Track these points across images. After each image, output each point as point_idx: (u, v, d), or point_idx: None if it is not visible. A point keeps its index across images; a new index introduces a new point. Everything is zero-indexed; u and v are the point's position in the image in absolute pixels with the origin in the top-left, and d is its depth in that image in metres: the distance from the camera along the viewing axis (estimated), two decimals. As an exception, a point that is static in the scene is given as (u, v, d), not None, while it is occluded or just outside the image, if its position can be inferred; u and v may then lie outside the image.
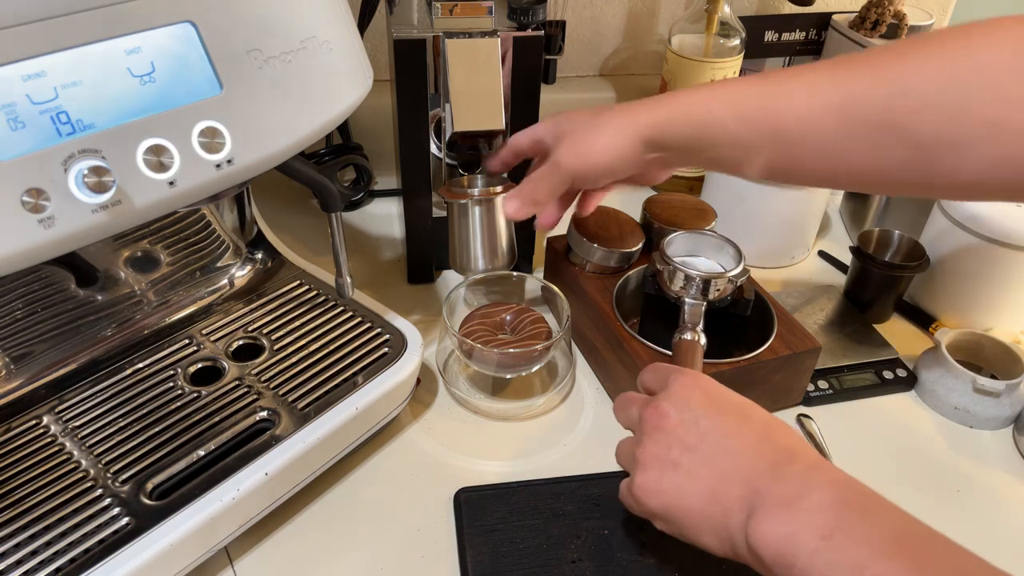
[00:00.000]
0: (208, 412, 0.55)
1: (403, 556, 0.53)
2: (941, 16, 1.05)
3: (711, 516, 0.41)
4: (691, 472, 0.42)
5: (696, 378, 0.46)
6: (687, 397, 0.45)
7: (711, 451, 0.42)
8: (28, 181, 0.35)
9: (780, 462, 0.40)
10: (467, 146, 0.71)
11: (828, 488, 0.37)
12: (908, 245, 0.75)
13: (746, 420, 0.43)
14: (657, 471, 0.44)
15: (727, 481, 0.41)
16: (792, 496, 0.38)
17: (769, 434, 0.42)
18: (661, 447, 0.44)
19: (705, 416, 0.43)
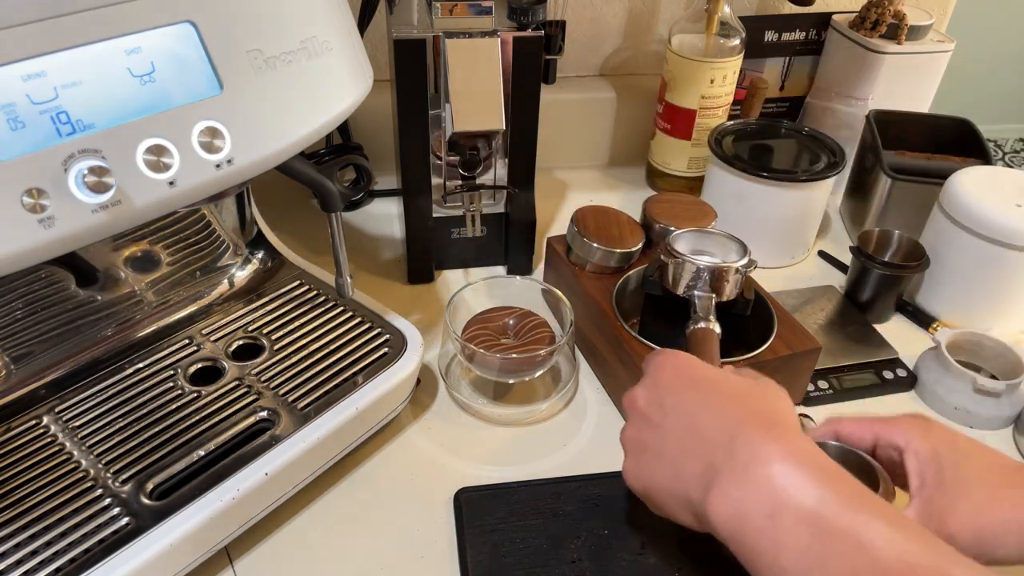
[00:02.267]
0: (208, 412, 0.55)
1: (403, 556, 0.53)
2: (941, 16, 1.05)
3: (677, 493, 0.42)
4: (657, 452, 0.43)
5: (669, 357, 0.47)
6: (656, 378, 0.46)
7: (673, 429, 0.43)
8: (28, 181, 0.35)
9: (736, 433, 0.39)
10: (467, 146, 0.71)
11: (777, 459, 0.37)
12: (908, 245, 0.75)
13: (710, 393, 0.43)
14: (633, 455, 0.46)
15: (687, 457, 0.41)
16: (741, 470, 0.38)
17: (732, 404, 0.41)
18: (633, 430, 0.46)
19: (669, 394, 0.44)
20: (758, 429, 0.39)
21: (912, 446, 0.45)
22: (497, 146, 0.72)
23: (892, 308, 0.76)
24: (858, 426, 0.48)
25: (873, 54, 0.88)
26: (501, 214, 0.77)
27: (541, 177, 0.78)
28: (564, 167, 1.00)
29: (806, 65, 0.99)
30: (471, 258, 0.80)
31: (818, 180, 0.77)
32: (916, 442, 0.45)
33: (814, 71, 0.99)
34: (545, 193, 0.93)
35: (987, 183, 0.71)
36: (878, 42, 0.87)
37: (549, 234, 0.80)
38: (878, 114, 0.85)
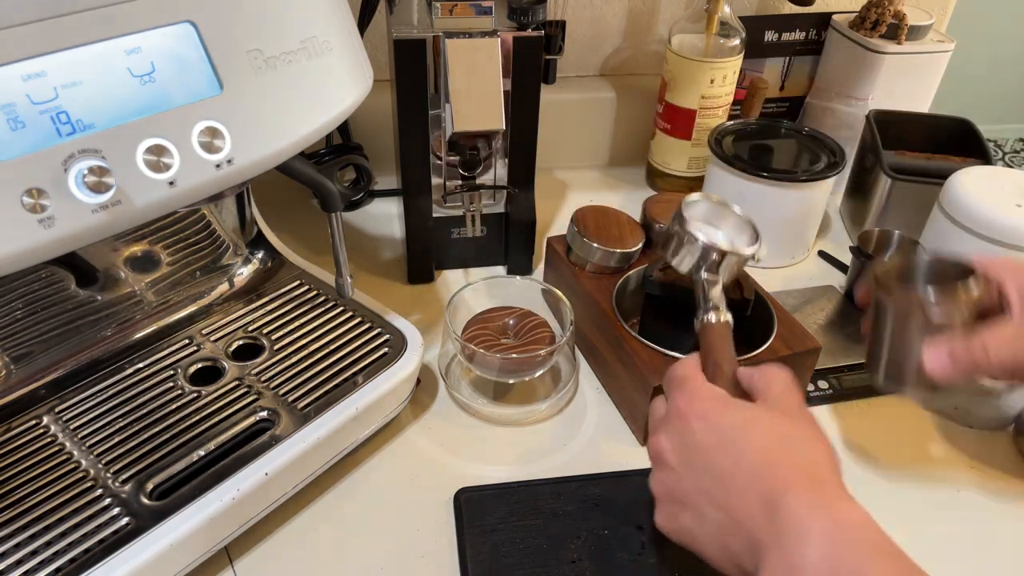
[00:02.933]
0: (208, 412, 0.55)
1: (403, 556, 0.53)
2: (941, 16, 1.05)
3: (725, 562, 0.40)
4: (697, 518, 0.41)
5: (693, 401, 0.44)
6: (682, 428, 0.43)
7: (710, 497, 0.40)
8: (28, 181, 0.35)
9: (777, 505, 0.37)
10: (467, 146, 0.71)
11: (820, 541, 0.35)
12: (908, 245, 0.75)
13: (740, 455, 0.40)
14: (667, 509, 0.44)
15: (730, 534, 0.39)
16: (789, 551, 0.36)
17: (767, 465, 0.39)
18: (664, 487, 0.44)
19: (699, 455, 0.42)
20: (800, 497, 0.37)
21: (1013, 277, 0.47)
22: (497, 146, 0.72)
23: (892, 308, 0.76)
24: None
25: (873, 54, 0.88)
26: (501, 214, 0.77)
27: (541, 177, 0.78)
28: (564, 167, 1.00)
29: (806, 65, 0.99)
30: (471, 258, 0.80)
31: (818, 180, 0.77)
32: (1016, 273, 0.47)
33: (814, 71, 0.99)
34: (545, 193, 0.93)
35: (987, 183, 0.71)
36: (878, 42, 0.87)
37: (549, 234, 0.80)
38: (878, 114, 0.85)
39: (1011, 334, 0.45)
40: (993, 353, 0.45)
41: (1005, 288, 0.47)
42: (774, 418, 0.42)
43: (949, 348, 0.46)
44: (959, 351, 0.46)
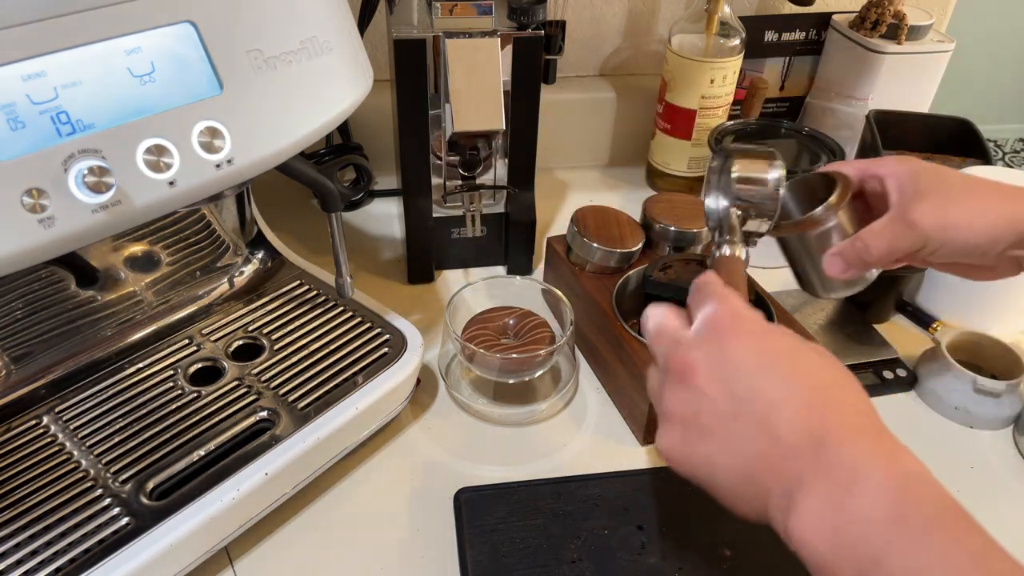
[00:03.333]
0: (208, 412, 0.55)
1: (403, 556, 0.53)
2: (941, 16, 1.05)
3: (748, 496, 0.36)
4: (723, 447, 0.36)
5: (737, 318, 0.38)
6: (723, 346, 0.37)
7: (748, 424, 0.35)
8: (28, 181, 0.35)
9: (829, 441, 0.33)
10: (467, 146, 0.71)
11: (885, 487, 0.32)
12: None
13: (792, 380, 0.36)
14: (681, 434, 0.38)
15: (765, 462, 0.35)
16: (839, 495, 0.32)
17: (820, 398, 0.35)
18: (688, 407, 0.38)
19: (743, 377, 0.36)
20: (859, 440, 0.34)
21: (893, 171, 0.48)
22: (497, 146, 0.72)
23: (892, 308, 0.76)
24: (846, 166, 0.52)
25: (873, 54, 0.88)
26: (501, 214, 0.77)
27: (541, 177, 0.78)
28: (564, 167, 1.00)
29: (806, 65, 0.99)
30: (471, 258, 0.80)
31: (818, 180, 0.77)
32: (896, 167, 0.49)
33: (814, 71, 0.99)
34: (545, 193, 0.93)
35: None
36: (878, 42, 0.87)
37: (549, 234, 0.80)
38: (878, 114, 0.85)
39: (883, 227, 0.47)
40: (873, 246, 0.48)
41: (886, 184, 0.49)
42: (820, 353, 0.38)
43: (838, 250, 0.49)
44: (846, 251, 0.49)
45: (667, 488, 0.56)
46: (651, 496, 0.56)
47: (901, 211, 0.47)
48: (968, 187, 0.47)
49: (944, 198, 0.46)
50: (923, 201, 0.46)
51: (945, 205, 0.46)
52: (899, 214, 0.47)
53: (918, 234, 0.46)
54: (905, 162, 0.49)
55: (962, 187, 0.47)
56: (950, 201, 0.46)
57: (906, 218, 0.47)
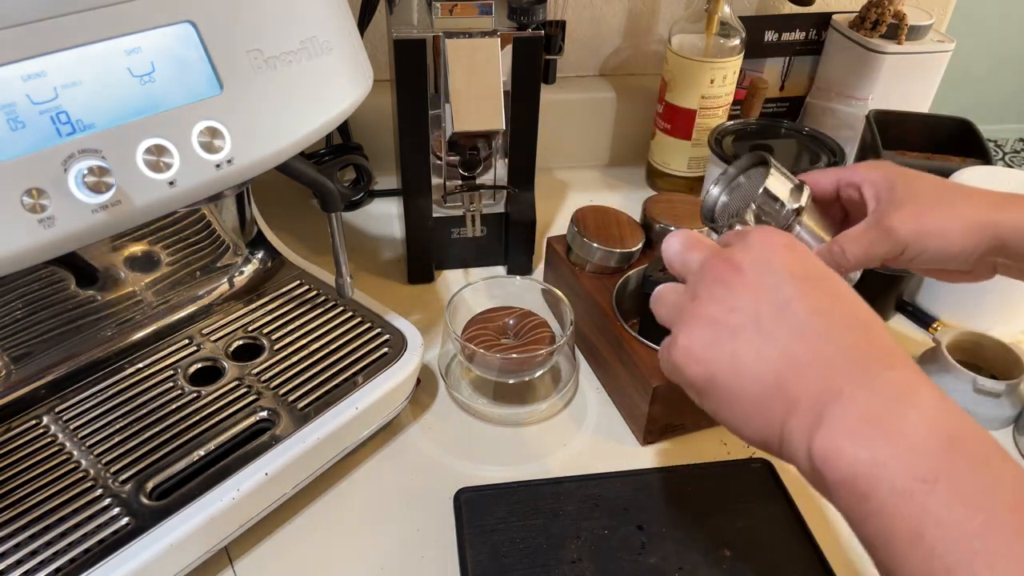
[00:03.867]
0: (208, 412, 0.55)
1: (403, 556, 0.53)
2: (941, 16, 1.05)
3: (767, 408, 0.33)
4: (755, 346, 0.34)
5: (785, 236, 0.37)
6: (770, 257, 0.36)
7: (789, 327, 0.33)
8: (28, 181, 0.35)
9: (874, 361, 0.32)
10: (467, 146, 0.71)
11: (934, 414, 0.30)
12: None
13: (837, 298, 0.35)
14: (710, 334, 0.35)
15: (801, 370, 0.33)
16: (885, 413, 0.30)
17: (865, 322, 0.34)
18: (722, 307, 0.35)
19: (789, 283, 0.34)
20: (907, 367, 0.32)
21: (868, 178, 0.49)
22: (497, 146, 0.72)
23: (892, 308, 0.76)
24: (822, 175, 0.52)
25: (873, 54, 0.88)
26: (501, 214, 0.77)
27: (541, 177, 0.78)
28: (564, 167, 1.00)
29: (806, 65, 0.99)
30: (471, 258, 0.80)
31: (818, 180, 0.77)
32: (871, 174, 0.49)
33: (814, 71, 0.99)
34: (545, 193, 0.93)
35: (987, 183, 0.71)
36: (878, 42, 0.87)
37: (549, 234, 0.80)
38: (878, 114, 0.85)
39: (861, 233, 0.48)
40: (849, 252, 0.48)
41: (863, 191, 0.49)
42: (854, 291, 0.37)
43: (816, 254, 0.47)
44: (823, 255, 0.49)
45: (667, 488, 0.57)
46: (651, 496, 0.56)
47: (878, 218, 0.47)
48: (942, 195, 0.47)
49: (920, 206, 0.47)
50: (900, 209, 0.47)
51: (921, 213, 0.46)
52: (876, 220, 0.47)
53: (895, 241, 0.47)
54: (880, 168, 0.49)
55: (936, 195, 0.47)
56: (925, 209, 0.46)
57: (883, 225, 0.47)
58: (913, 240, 0.46)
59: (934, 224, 0.46)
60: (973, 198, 0.47)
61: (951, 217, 0.46)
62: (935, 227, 0.46)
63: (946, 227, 0.46)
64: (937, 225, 0.46)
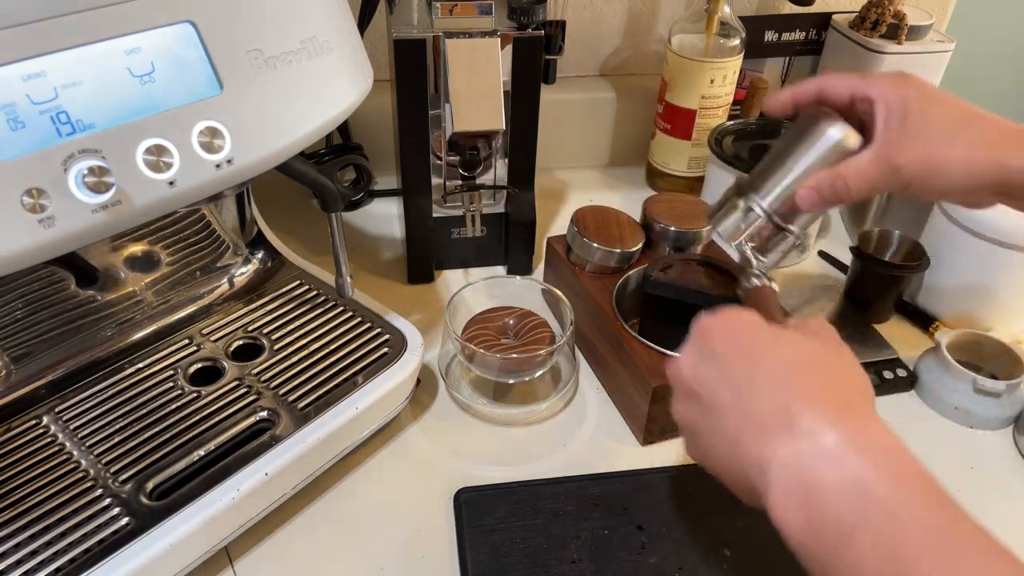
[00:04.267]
0: (208, 412, 0.55)
1: (403, 556, 0.53)
2: (941, 16, 1.05)
3: (737, 479, 0.38)
4: (711, 433, 0.39)
5: (719, 318, 0.41)
6: (703, 345, 0.40)
7: (724, 408, 0.38)
8: (28, 181, 0.35)
9: (794, 416, 0.34)
10: (467, 146, 0.71)
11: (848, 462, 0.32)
12: (908, 245, 0.75)
13: (767, 361, 0.37)
14: (688, 433, 0.41)
15: (742, 445, 0.36)
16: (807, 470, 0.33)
17: (785, 379, 0.36)
18: (682, 406, 0.41)
19: (717, 365, 0.39)
20: (822, 410, 0.34)
21: (883, 96, 0.46)
22: (497, 146, 0.72)
23: (892, 308, 0.76)
24: (840, 80, 0.49)
25: (873, 54, 0.88)
26: (501, 214, 0.77)
27: (541, 177, 0.78)
28: (564, 167, 1.00)
29: (806, 65, 0.99)
30: (471, 258, 0.80)
31: (818, 180, 0.77)
32: (887, 92, 0.46)
33: (814, 71, 0.99)
34: (545, 193, 0.93)
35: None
36: (878, 42, 0.87)
37: (549, 234, 0.80)
38: (878, 114, 0.85)
39: (866, 167, 0.46)
40: (853, 186, 0.46)
41: (875, 109, 0.47)
42: (807, 339, 0.39)
43: (816, 184, 0.48)
44: (823, 185, 0.47)
45: (667, 488, 0.57)
46: (651, 496, 0.56)
47: (886, 151, 0.45)
48: (953, 130, 0.45)
49: (928, 144, 0.45)
50: (909, 145, 0.45)
51: (929, 153, 0.45)
52: (884, 154, 0.45)
53: (900, 179, 0.46)
54: (896, 86, 0.46)
55: (948, 129, 0.45)
56: (934, 147, 0.45)
57: (890, 161, 0.45)
58: (918, 179, 0.45)
59: (941, 164, 0.44)
60: (985, 133, 0.45)
61: (959, 158, 0.44)
62: (944, 165, 0.44)
63: (953, 167, 0.44)
64: (944, 165, 0.44)
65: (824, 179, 0.47)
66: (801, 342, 0.39)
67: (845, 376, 0.38)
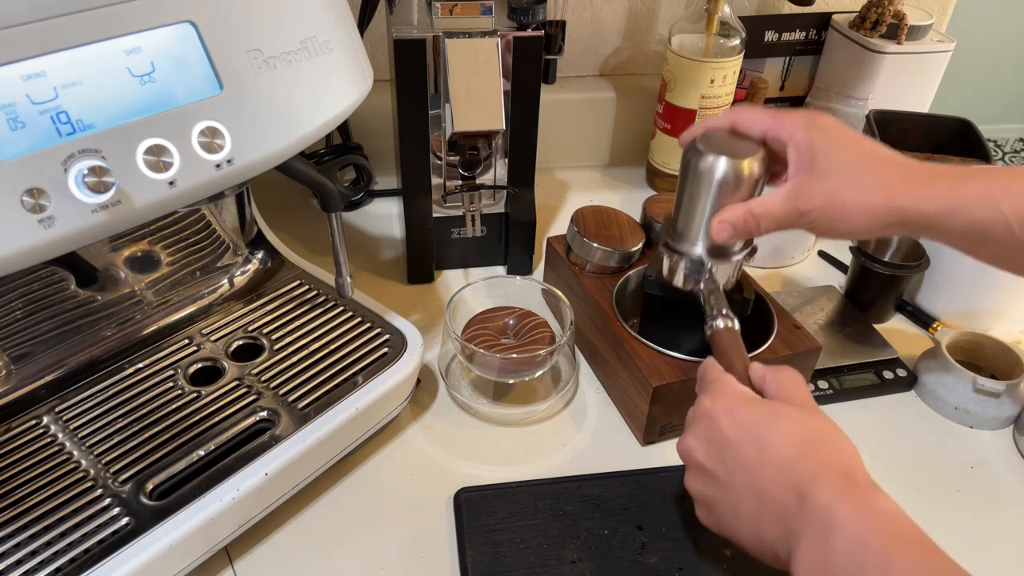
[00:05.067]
0: (208, 412, 0.55)
1: (403, 556, 0.53)
2: (941, 16, 1.05)
3: (763, 552, 0.41)
4: (731, 511, 0.43)
5: (717, 398, 0.45)
6: (709, 427, 0.44)
7: (742, 489, 0.42)
8: (28, 181, 0.35)
9: (806, 492, 0.38)
10: (467, 146, 0.71)
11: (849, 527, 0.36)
12: (908, 245, 0.75)
13: (765, 448, 0.41)
14: (704, 507, 0.45)
15: (763, 523, 0.40)
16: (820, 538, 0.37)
17: (792, 460, 0.40)
18: (699, 483, 0.45)
19: (727, 448, 0.43)
20: (830, 488, 0.38)
21: (794, 139, 0.49)
22: (497, 146, 0.72)
23: (892, 308, 0.76)
24: (753, 117, 0.52)
25: (873, 54, 0.88)
26: (501, 214, 0.77)
27: (541, 177, 0.78)
28: (564, 167, 1.00)
29: (806, 65, 0.99)
30: (471, 258, 0.80)
31: (818, 180, 0.77)
32: (798, 135, 0.48)
33: (814, 71, 0.99)
34: (545, 193, 0.93)
35: (987, 183, 0.71)
36: (878, 42, 0.87)
37: (549, 234, 0.80)
38: (878, 114, 0.85)
39: (776, 208, 0.49)
40: (763, 224, 0.50)
41: (787, 152, 0.49)
42: (798, 414, 0.43)
43: (730, 219, 0.51)
44: (738, 222, 0.51)
45: (667, 488, 0.56)
46: (651, 496, 0.56)
47: (793, 196, 0.48)
48: (856, 173, 0.47)
49: (833, 187, 0.47)
50: (816, 187, 0.47)
51: (833, 197, 0.47)
52: (791, 199, 0.48)
53: (805, 221, 0.48)
54: (808, 128, 0.48)
55: (851, 171, 0.47)
56: (837, 191, 0.47)
57: (797, 206, 0.48)
58: (821, 222, 0.48)
59: (843, 210, 0.47)
60: (883, 178, 0.47)
61: (858, 203, 0.46)
62: (843, 213, 0.47)
63: (853, 213, 0.47)
64: (845, 212, 0.47)
65: (738, 216, 0.51)
66: (795, 420, 0.42)
67: (840, 451, 0.41)
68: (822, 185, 0.47)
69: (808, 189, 0.48)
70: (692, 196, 0.53)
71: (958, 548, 0.55)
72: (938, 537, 0.39)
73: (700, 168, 0.52)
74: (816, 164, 0.48)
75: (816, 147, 0.48)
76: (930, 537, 0.36)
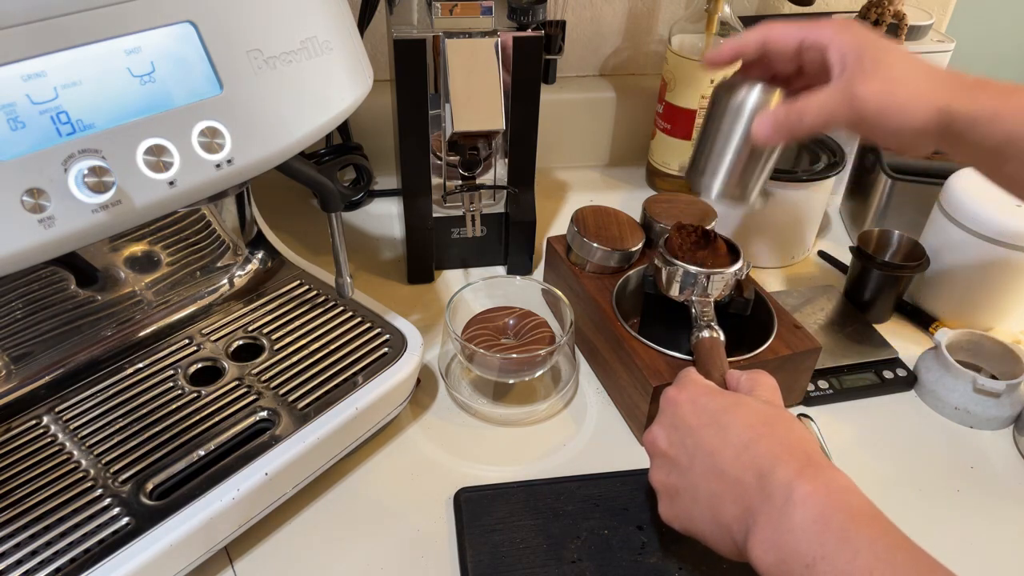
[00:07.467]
0: (208, 412, 0.55)
1: (403, 556, 0.53)
2: (941, 16, 1.05)
3: (719, 537, 0.42)
4: (691, 496, 0.43)
5: (683, 388, 0.47)
6: (674, 413, 0.46)
7: (700, 472, 0.43)
8: (28, 181, 0.35)
9: (766, 472, 0.39)
10: (467, 146, 0.71)
11: (810, 504, 0.37)
12: (908, 245, 0.75)
13: (725, 430, 0.43)
14: (666, 498, 0.46)
15: (722, 502, 0.41)
16: (777, 514, 0.38)
17: (750, 441, 0.41)
18: (661, 472, 0.46)
19: (689, 434, 0.44)
20: (788, 465, 0.39)
21: (837, 40, 0.46)
22: (497, 146, 0.72)
23: (892, 308, 0.76)
24: (785, 29, 0.49)
25: (873, 54, 0.88)
26: (501, 214, 0.77)
27: (541, 177, 0.78)
28: (564, 167, 1.00)
29: (806, 65, 0.98)
30: (471, 258, 0.80)
31: (818, 180, 0.77)
32: (839, 37, 0.46)
33: (814, 71, 0.98)
34: (545, 193, 0.93)
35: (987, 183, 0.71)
36: (878, 42, 0.87)
37: (549, 234, 0.80)
38: (878, 114, 0.85)
39: (825, 99, 0.46)
40: (808, 117, 0.47)
41: (828, 55, 0.47)
42: (758, 403, 0.45)
43: (772, 114, 0.49)
44: (779, 115, 0.48)
45: (667, 488, 0.56)
46: (651, 496, 0.56)
47: (846, 85, 0.45)
48: (909, 72, 0.45)
49: (889, 81, 0.45)
50: (870, 80, 0.45)
51: (890, 88, 0.45)
52: (844, 87, 0.45)
53: (859, 113, 0.45)
54: (849, 31, 0.47)
55: (905, 70, 0.45)
56: (894, 84, 0.45)
57: (850, 94, 0.45)
58: (876, 114, 0.45)
59: (901, 101, 0.45)
60: (936, 79, 0.45)
61: (916, 96, 0.44)
62: (901, 104, 0.45)
63: (910, 106, 0.44)
64: (903, 103, 0.45)
65: (779, 109, 0.48)
66: (754, 407, 0.44)
67: (796, 433, 0.42)
68: (876, 77, 0.45)
69: (863, 79, 0.45)
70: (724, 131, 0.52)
71: (958, 548, 0.55)
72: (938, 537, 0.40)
73: (733, 98, 0.51)
74: (865, 61, 0.45)
75: (863, 45, 0.46)
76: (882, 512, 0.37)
